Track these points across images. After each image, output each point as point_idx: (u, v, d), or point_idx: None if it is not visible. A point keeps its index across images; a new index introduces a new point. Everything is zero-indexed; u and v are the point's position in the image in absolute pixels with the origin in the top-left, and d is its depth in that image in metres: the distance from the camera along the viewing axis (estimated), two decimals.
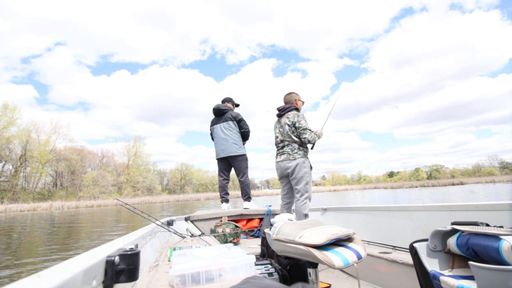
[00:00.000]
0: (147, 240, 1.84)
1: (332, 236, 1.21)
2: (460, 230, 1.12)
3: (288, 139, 2.89)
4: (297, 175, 2.80)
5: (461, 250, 1.09)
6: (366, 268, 1.98)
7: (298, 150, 2.84)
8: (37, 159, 45.47)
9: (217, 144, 4.06)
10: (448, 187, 36.48)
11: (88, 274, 0.76)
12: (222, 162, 4.08)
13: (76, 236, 7.94)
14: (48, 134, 48.30)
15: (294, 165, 2.81)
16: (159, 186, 61.37)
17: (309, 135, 2.80)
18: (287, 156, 2.87)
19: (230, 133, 3.99)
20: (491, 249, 0.95)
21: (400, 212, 2.17)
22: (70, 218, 16.17)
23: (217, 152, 4.07)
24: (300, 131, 2.81)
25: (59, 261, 0.95)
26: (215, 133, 4.10)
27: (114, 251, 0.97)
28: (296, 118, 2.85)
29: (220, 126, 4.04)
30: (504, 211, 1.47)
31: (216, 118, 4.16)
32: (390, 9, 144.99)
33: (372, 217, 2.47)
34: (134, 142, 60.34)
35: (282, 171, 2.94)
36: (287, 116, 2.93)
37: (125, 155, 59.12)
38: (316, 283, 1.32)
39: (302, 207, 2.76)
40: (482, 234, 1.00)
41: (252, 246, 2.61)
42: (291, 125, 2.85)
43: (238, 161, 3.99)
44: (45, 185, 49.96)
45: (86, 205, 36.70)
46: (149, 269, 1.49)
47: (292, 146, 2.87)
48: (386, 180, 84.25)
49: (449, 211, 1.78)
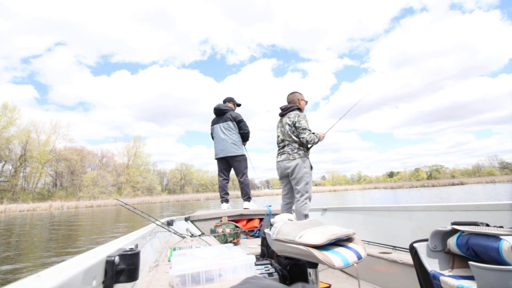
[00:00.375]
0: (147, 240, 1.84)
1: (332, 236, 1.21)
2: (460, 230, 1.12)
3: (289, 139, 2.88)
4: (297, 175, 2.80)
5: (461, 250, 1.09)
6: (366, 268, 1.98)
7: (298, 150, 2.84)
8: (37, 159, 45.38)
9: (217, 144, 4.07)
10: (448, 187, 36.50)
11: (88, 274, 0.76)
12: (221, 162, 4.08)
13: (74, 237, 7.89)
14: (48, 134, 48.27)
15: (294, 165, 2.80)
16: (159, 186, 61.20)
17: (307, 135, 2.78)
18: (287, 156, 2.87)
19: (229, 134, 3.99)
20: (491, 249, 0.95)
21: (400, 212, 2.17)
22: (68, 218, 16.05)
23: (216, 152, 4.08)
24: (299, 130, 2.81)
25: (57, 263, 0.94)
26: (215, 133, 4.10)
27: (114, 251, 0.97)
28: (297, 118, 2.85)
29: (220, 126, 4.04)
30: (504, 211, 1.47)
31: (216, 118, 4.16)
32: (390, 9, 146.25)
33: (372, 217, 2.47)
34: (134, 142, 60.26)
35: (282, 171, 2.94)
36: (288, 116, 2.93)
37: (125, 155, 59.04)
38: (316, 283, 1.32)
39: (302, 207, 2.75)
40: (482, 234, 1.00)
41: (252, 246, 2.60)
42: (292, 125, 2.85)
43: (237, 161, 3.99)
44: (44, 185, 49.80)
45: (85, 205, 36.64)
46: (149, 269, 1.49)
47: (292, 146, 2.86)
48: (386, 180, 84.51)
49: (449, 211, 1.78)
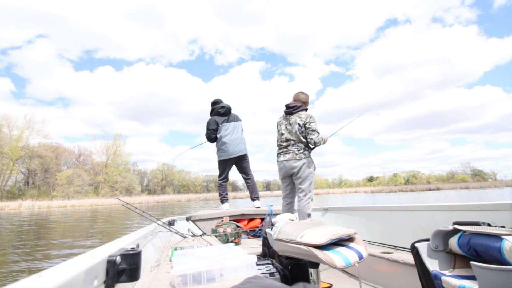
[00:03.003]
0: (148, 240, 1.85)
1: (334, 236, 1.21)
2: (462, 230, 1.12)
3: (295, 138, 2.86)
4: (302, 174, 2.79)
5: (463, 250, 1.11)
6: (368, 268, 1.98)
7: (304, 150, 2.83)
8: (8, 156, 42.65)
9: (230, 144, 3.93)
10: (425, 192, 37.77)
11: (89, 274, 0.76)
12: (229, 162, 4.03)
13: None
14: (21, 129, 45.25)
15: (300, 164, 2.79)
16: (138, 187, 59.41)
17: (316, 137, 2.79)
18: (292, 155, 2.84)
19: (241, 133, 4.04)
20: (493, 249, 0.96)
21: (401, 212, 2.18)
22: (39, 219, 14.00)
23: (230, 151, 3.93)
24: (309, 131, 2.80)
25: None
26: (227, 131, 3.96)
27: (116, 251, 0.97)
28: (309, 119, 2.83)
29: (233, 124, 4.00)
30: (505, 211, 1.48)
31: (223, 116, 4.03)
32: (376, 19, 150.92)
33: (373, 217, 2.48)
34: (114, 141, 57.78)
35: (287, 171, 2.89)
36: (299, 116, 2.88)
37: (103, 154, 56.71)
38: (317, 283, 1.32)
39: (305, 207, 2.76)
40: (483, 234, 1.01)
41: (254, 246, 2.61)
42: (302, 126, 2.83)
43: (246, 161, 4.06)
44: (15, 183, 47.47)
45: (59, 205, 34.20)
46: (151, 269, 1.50)
47: (298, 146, 2.84)
48: (366, 185, 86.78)
49: (450, 211, 1.79)
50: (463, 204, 1.73)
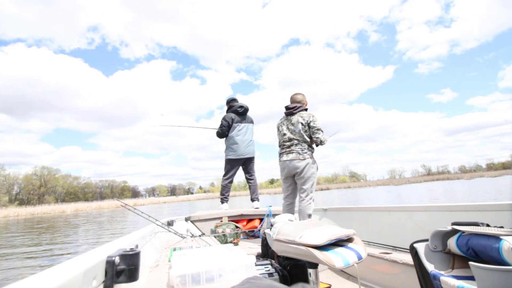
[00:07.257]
0: (147, 240, 1.85)
1: (333, 237, 1.21)
2: (461, 231, 1.12)
3: (299, 138, 2.85)
4: (306, 174, 2.78)
5: (462, 251, 1.10)
6: (367, 269, 1.98)
7: (308, 150, 2.83)
8: None
9: (241, 144, 3.97)
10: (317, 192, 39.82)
11: (88, 274, 0.77)
12: (237, 163, 4.05)
13: None
14: None
15: (304, 164, 2.78)
16: (5, 196, 48.26)
17: (322, 136, 2.81)
18: (296, 155, 2.82)
19: (252, 136, 4.10)
20: (492, 249, 0.95)
21: (400, 212, 2.17)
22: None
23: (240, 151, 3.97)
24: (314, 130, 2.81)
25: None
26: (240, 131, 4.00)
27: (115, 252, 0.97)
28: (312, 118, 2.84)
29: (247, 126, 4.06)
30: (504, 212, 1.48)
31: (240, 115, 4.07)
32: (282, 37, 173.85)
33: (372, 217, 2.47)
34: None
35: (290, 171, 2.87)
36: (300, 115, 2.88)
37: None
38: (316, 284, 1.32)
39: (307, 207, 2.75)
40: (482, 234, 1.01)
41: (252, 246, 2.61)
42: (305, 125, 2.84)
43: (253, 162, 4.14)
44: None
45: None
46: (150, 269, 1.50)
47: (302, 145, 2.84)
48: (268, 187, 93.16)
49: (449, 211, 1.78)
50: (462, 205, 1.72)
